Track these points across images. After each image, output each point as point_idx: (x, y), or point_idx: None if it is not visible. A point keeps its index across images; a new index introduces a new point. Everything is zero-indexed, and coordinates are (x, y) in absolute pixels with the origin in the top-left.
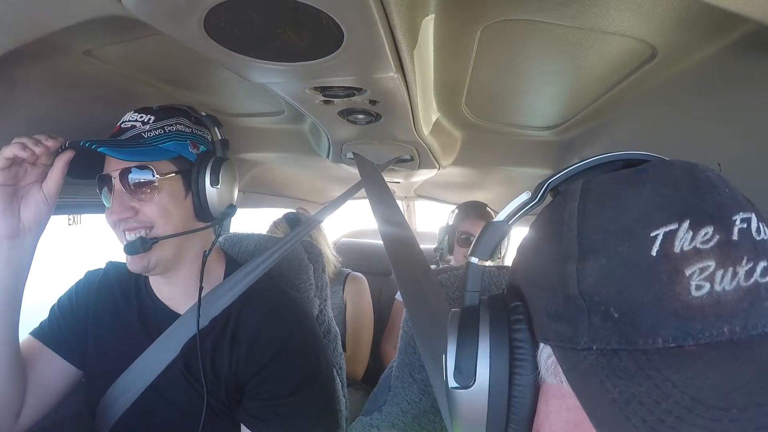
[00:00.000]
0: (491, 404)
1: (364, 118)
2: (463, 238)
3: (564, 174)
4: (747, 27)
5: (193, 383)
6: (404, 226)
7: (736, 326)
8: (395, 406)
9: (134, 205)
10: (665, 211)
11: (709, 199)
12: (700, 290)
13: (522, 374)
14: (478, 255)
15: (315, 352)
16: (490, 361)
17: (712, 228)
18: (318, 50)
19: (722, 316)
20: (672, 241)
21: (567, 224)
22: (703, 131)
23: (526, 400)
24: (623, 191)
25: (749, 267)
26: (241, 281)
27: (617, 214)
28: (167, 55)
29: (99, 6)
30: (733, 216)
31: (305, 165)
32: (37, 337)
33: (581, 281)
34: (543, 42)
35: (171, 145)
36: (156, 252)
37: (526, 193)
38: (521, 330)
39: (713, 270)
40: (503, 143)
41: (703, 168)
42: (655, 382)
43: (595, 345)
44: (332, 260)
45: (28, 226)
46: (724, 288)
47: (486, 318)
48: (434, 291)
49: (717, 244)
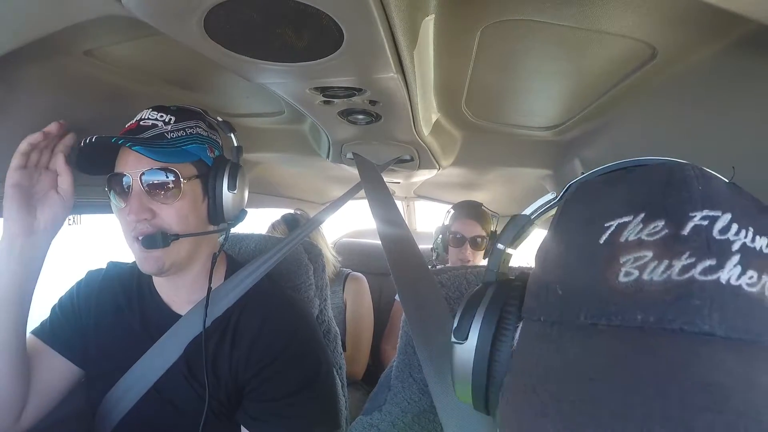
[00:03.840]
0: (475, 360)
1: (364, 119)
2: (457, 237)
3: (587, 176)
4: (747, 27)
5: (194, 385)
6: (403, 226)
7: (650, 316)
8: (395, 406)
9: (153, 207)
10: (626, 206)
11: (674, 195)
12: (627, 277)
13: (503, 341)
14: (502, 242)
15: (315, 353)
16: (481, 324)
17: (663, 222)
18: (318, 50)
19: (639, 304)
20: (621, 231)
21: (552, 220)
22: (703, 131)
23: (502, 363)
24: (603, 189)
25: (689, 262)
26: (242, 282)
27: (586, 208)
28: (167, 55)
29: (99, 6)
30: (693, 212)
31: (305, 165)
32: (38, 336)
33: (545, 264)
34: (543, 42)
35: (193, 148)
36: (172, 251)
37: (552, 192)
38: (512, 305)
39: (648, 260)
40: (503, 143)
41: (687, 167)
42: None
43: (542, 317)
44: (331, 260)
45: (44, 225)
46: (652, 278)
47: (490, 292)
48: (432, 292)
49: (662, 237)
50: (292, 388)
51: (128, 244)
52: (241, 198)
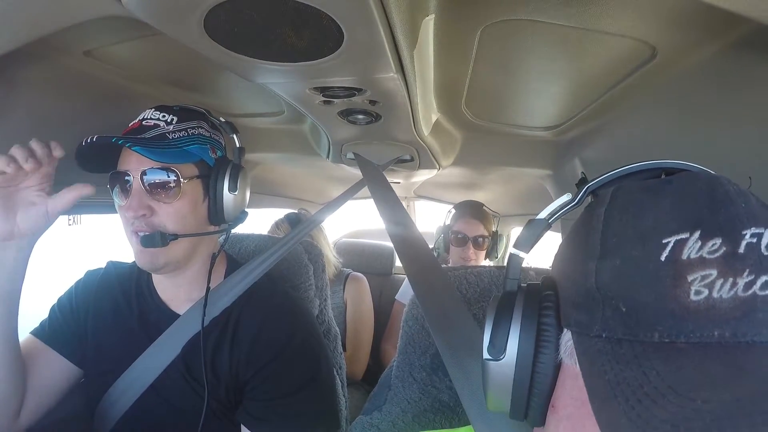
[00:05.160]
0: (516, 376)
1: (364, 119)
2: (459, 237)
3: (603, 178)
4: (747, 27)
5: (193, 384)
6: (411, 225)
7: (726, 331)
8: (395, 406)
9: (152, 205)
10: (679, 221)
11: (723, 212)
12: (698, 295)
13: (545, 353)
14: (520, 248)
15: (315, 353)
16: (519, 339)
17: (720, 240)
18: (318, 50)
19: (714, 321)
20: (681, 248)
21: (594, 226)
22: (703, 131)
23: (546, 376)
24: (645, 200)
25: (750, 279)
26: (241, 281)
27: (636, 220)
28: (167, 55)
29: (99, 6)
30: (744, 230)
31: (305, 165)
32: (37, 337)
33: (598, 277)
34: (543, 42)
35: (195, 149)
36: (169, 250)
37: (567, 194)
38: (549, 315)
39: (714, 278)
40: (503, 143)
41: (725, 182)
42: (644, 369)
43: (605, 333)
44: (333, 261)
45: (23, 230)
46: (721, 296)
47: (521, 302)
48: (446, 287)
49: (723, 255)
50: (292, 388)
51: (127, 237)
52: (242, 199)
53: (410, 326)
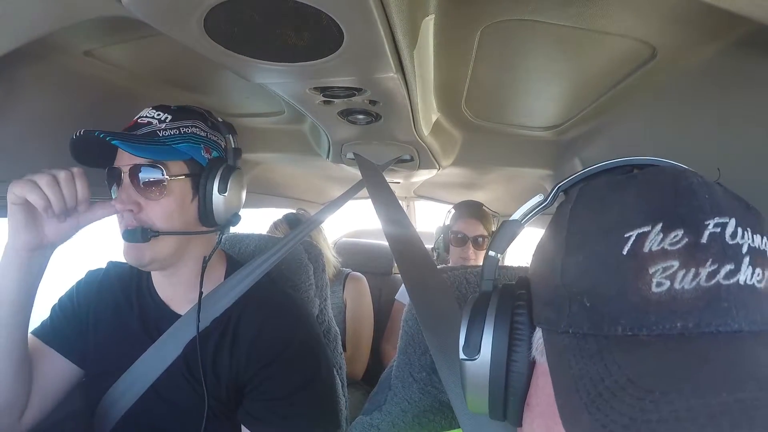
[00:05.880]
0: (492, 376)
1: (364, 119)
2: (459, 237)
3: (573, 178)
4: (747, 27)
5: (194, 384)
6: (408, 225)
7: (689, 322)
8: (395, 406)
9: (139, 201)
10: (642, 215)
11: (686, 204)
12: (660, 287)
13: (518, 351)
14: (495, 249)
15: (315, 353)
16: (493, 338)
17: (682, 231)
18: (318, 50)
19: (677, 312)
20: (643, 241)
21: (561, 224)
22: (703, 131)
23: (521, 375)
24: (609, 195)
25: (713, 269)
26: (241, 282)
27: (600, 216)
28: (167, 55)
29: (99, 6)
30: (707, 220)
31: (305, 165)
32: (38, 336)
33: (565, 274)
34: (543, 42)
35: (184, 147)
36: (154, 247)
37: (540, 195)
38: (521, 314)
39: (675, 270)
40: (503, 143)
41: (689, 174)
42: (606, 363)
43: (571, 329)
44: (332, 261)
45: (51, 240)
46: (683, 287)
47: (495, 302)
48: (441, 288)
49: (684, 246)
50: (292, 388)
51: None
52: (235, 201)
53: (410, 326)
